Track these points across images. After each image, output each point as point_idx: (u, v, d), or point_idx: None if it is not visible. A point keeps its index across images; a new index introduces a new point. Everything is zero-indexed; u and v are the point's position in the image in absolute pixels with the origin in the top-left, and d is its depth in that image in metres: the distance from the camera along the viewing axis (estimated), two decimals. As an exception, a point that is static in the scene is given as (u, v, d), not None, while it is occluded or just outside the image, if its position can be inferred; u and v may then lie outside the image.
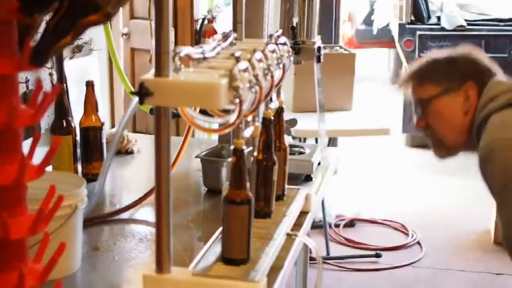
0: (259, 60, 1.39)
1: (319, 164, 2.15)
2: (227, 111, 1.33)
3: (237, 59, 1.28)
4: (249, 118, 1.45)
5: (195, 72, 1.27)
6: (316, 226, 3.92)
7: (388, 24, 7.75)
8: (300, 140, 3.72)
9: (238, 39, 1.70)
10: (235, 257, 1.34)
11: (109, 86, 2.78)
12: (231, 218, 1.33)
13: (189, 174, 2.04)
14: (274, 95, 1.63)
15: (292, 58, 1.67)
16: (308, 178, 2.03)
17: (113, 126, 2.36)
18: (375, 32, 8.36)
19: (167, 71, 1.22)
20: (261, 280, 1.29)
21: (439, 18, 5.63)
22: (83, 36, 2.16)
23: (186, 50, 1.28)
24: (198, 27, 3.41)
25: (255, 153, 1.57)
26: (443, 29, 5.43)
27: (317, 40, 2.00)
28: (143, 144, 2.36)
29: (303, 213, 1.75)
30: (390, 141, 5.52)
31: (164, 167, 1.26)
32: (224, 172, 1.91)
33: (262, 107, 1.60)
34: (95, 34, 2.17)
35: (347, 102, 3.64)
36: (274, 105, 1.59)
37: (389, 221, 4.18)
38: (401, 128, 5.74)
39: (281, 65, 1.55)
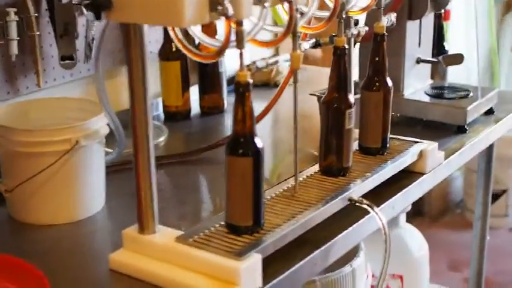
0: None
1: (490, 112, 1.69)
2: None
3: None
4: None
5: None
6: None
7: None
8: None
9: None
10: (238, 223, 1.04)
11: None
12: (231, 173, 1.02)
13: (312, 116, 1.70)
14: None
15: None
16: (461, 129, 1.60)
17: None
18: None
19: (134, -23, 0.95)
20: (246, 258, 0.97)
21: None
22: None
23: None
24: None
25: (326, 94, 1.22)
26: None
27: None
28: (301, 77, 2.07)
29: (416, 175, 1.36)
30: None
31: (138, 100, 1.00)
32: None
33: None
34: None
35: None
36: (355, 30, 1.22)
37: None
38: None
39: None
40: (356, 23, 1.50)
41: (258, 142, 1.01)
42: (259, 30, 1.00)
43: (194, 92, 1.77)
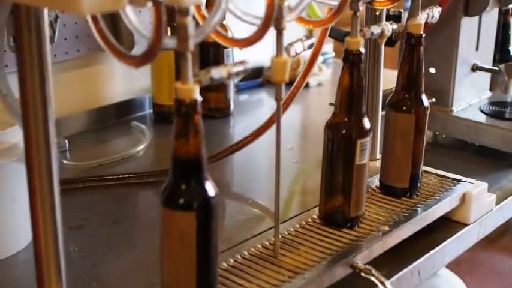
0: None
1: None
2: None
3: None
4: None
5: None
6: None
7: None
8: None
9: None
10: (176, 301, 0.71)
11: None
12: (167, 232, 0.69)
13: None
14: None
15: None
16: (522, 161, 1.24)
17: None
18: None
19: None
20: None
21: None
22: None
23: None
24: None
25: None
26: None
27: None
28: (336, 76, 1.75)
29: (457, 225, 1.01)
30: None
31: (34, 113, 0.69)
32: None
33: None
34: None
35: None
36: (377, 29, 0.87)
37: None
38: None
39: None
40: (397, 17, 1.17)
41: (209, 188, 0.68)
42: (214, 25, 0.67)
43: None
